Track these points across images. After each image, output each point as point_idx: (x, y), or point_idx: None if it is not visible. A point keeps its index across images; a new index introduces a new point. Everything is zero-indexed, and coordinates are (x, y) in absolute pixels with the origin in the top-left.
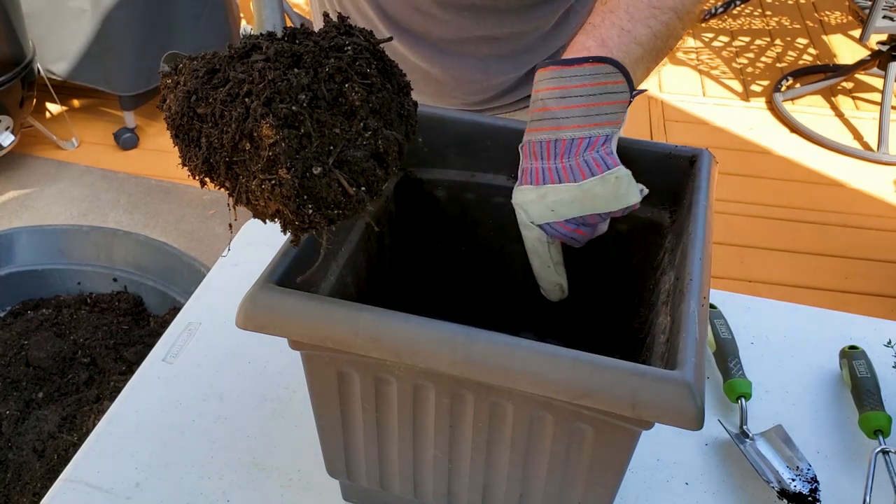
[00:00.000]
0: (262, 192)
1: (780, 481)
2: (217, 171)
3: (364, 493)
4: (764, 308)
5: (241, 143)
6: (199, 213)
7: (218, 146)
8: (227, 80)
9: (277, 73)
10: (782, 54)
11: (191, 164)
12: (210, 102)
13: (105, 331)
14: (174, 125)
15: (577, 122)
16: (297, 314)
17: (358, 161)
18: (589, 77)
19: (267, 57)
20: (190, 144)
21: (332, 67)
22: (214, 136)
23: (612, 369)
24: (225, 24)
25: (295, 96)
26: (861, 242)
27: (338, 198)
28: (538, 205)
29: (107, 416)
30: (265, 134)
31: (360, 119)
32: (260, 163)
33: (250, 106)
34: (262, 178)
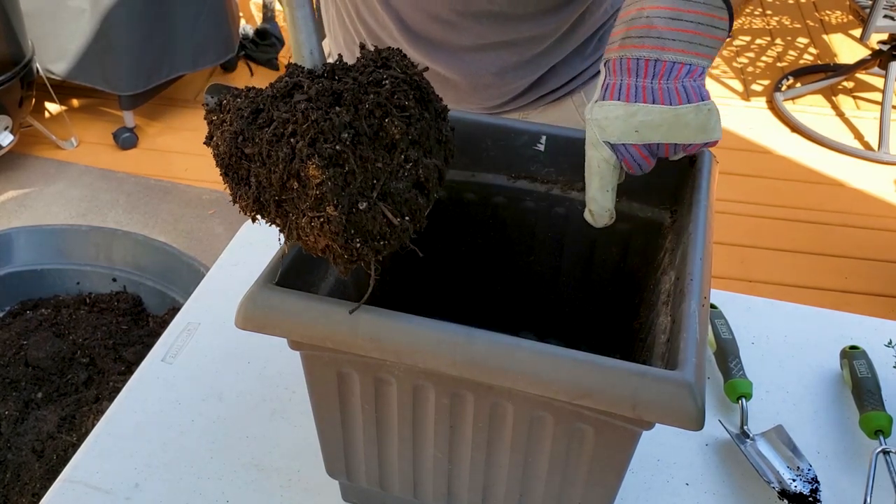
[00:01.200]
0: (312, 228)
1: (780, 482)
2: (268, 209)
3: (364, 493)
4: (764, 308)
5: (289, 182)
6: (199, 213)
7: (267, 185)
8: (271, 121)
9: (320, 113)
10: (783, 54)
11: (241, 202)
12: (256, 143)
13: (104, 331)
14: (223, 164)
15: (682, 47)
16: (297, 314)
17: (400, 192)
18: (701, 5)
19: (309, 97)
20: (239, 183)
21: (371, 103)
22: (263, 175)
23: (613, 369)
24: (224, 24)
25: (338, 135)
26: (862, 242)
27: (383, 229)
28: (623, 122)
29: (106, 417)
30: (311, 174)
31: (400, 151)
32: (308, 201)
33: (296, 146)
34: (311, 216)
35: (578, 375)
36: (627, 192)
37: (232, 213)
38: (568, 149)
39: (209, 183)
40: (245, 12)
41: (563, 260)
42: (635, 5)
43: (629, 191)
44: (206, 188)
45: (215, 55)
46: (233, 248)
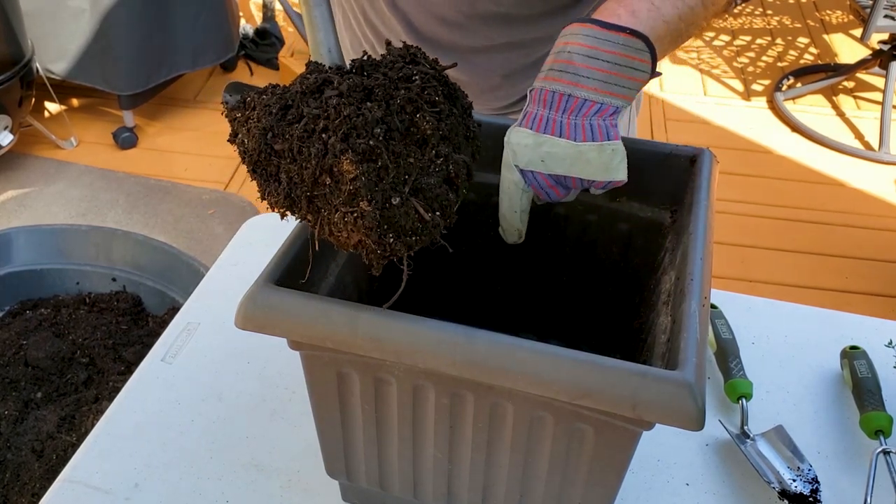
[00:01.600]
0: (346, 224)
1: (780, 482)
2: (299, 205)
3: (364, 493)
4: (765, 308)
5: (321, 178)
6: (199, 213)
7: (298, 181)
8: (301, 117)
9: (352, 109)
10: (783, 53)
11: (271, 198)
12: (287, 139)
13: (104, 331)
14: (251, 161)
15: (595, 86)
16: (297, 314)
17: (432, 188)
18: (620, 46)
19: (340, 92)
20: (269, 179)
21: (402, 99)
22: (294, 171)
23: (613, 369)
24: (224, 24)
25: (371, 130)
26: (862, 242)
27: (415, 225)
28: (531, 151)
29: (105, 417)
30: (345, 169)
31: (431, 147)
32: (341, 196)
33: (328, 142)
34: (345, 211)
35: (578, 375)
36: (627, 192)
37: (232, 213)
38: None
39: (209, 183)
40: (245, 12)
41: (563, 260)
42: (563, 38)
43: (629, 191)
44: (206, 188)
45: (215, 55)
46: (233, 248)
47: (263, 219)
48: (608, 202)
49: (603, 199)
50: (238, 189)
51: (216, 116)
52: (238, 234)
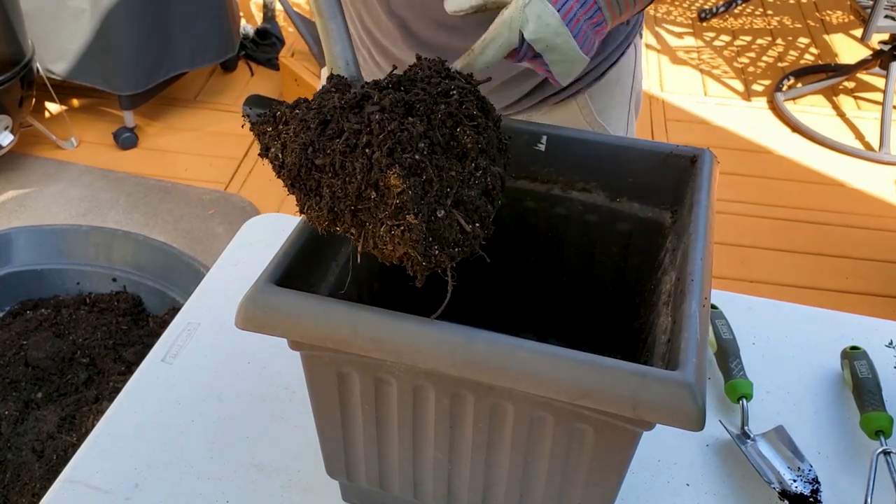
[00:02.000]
0: (392, 237)
1: (781, 482)
2: (342, 219)
3: (364, 493)
4: (765, 308)
5: (366, 192)
6: (199, 213)
7: (342, 196)
8: (342, 132)
9: (396, 124)
10: (784, 54)
11: (311, 212)
12: (328, 154)
13: (104, 331)
14: (290, 176)
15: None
16: (297, 314)
17: (472, 200)
18: None
19: (382, 107)
20: (309, 194)
21: (443, 113)
22: (337, 186)
23: (613, 370)
24: (224, 24)
25: (415, 145)
26: (862, 242)
27: (457, 236)
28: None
29: (106, 417)
30: (392, 183)
31: (471, 160)
32: (387, 210)
33: (372, 156)
34: (391, 225)
35: (579, 375)
36: (628, 193)
37: (232, 213)
38: (569, 149)
39: (209, 183)
40: (245, 12)
41: (563, 260)
42: None
43: (629, 191)
44: (206, 188)
45: (215, 54)
46: (233, 248)
47: (263, 219)
48: (608, 202)
49: (603, 200)
50: (238, 189)
51: (216, 116)
52: (238, 234)
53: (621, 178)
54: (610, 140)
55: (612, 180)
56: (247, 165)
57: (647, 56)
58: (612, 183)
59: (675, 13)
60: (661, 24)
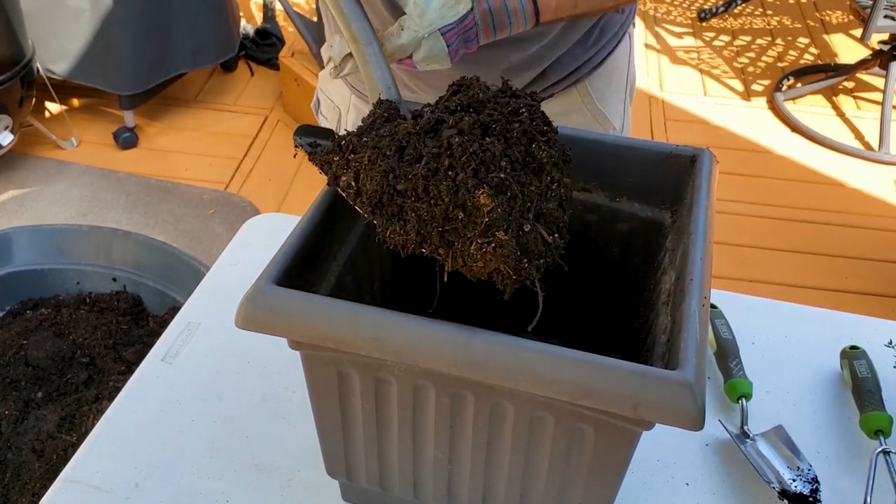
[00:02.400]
0: (483, 254)
1: (780, 482)
2: (430, 241)
3: (364, 493)
4: (765, 308)
5: (453, 213)
6: (199, 213)
7: (428, 218)
8: (420, 156)
9: (477, 145)
10: (783, 54)
11: (396, 237)
12: (409, 179)
13: (104, 330)
14: (371, 203)
15: None
16: (297, 314)
17: (551, 212)
18: None
19: (460, 130)
20: (391, 219)
21: (518, 132)
22: (423, 209)
23: (613, 369)
24: (224, 24)
25: (498, 164)
26: (862, 242)
27: (541, 248)
28: None
29: (106, 416)
30: (482, 203)
31: (546, 173)
32: (477, 228)
33: (456, 178)
34: (481, 242)
35: (579, 375)
36: (628, 193)
37: (232, 213)
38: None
39: (210, 183)
40: (245, 12)
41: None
42: None
43: (629, 191)
44: (207, 188)
45: (215, 54)
46: (233, 248)
47: (263, 219)
48: (608, 202)
49: (603, 199)
50: (238, 189)
51: (217, 116)
52: (238, 234)
53: (621, 178)
54: (610, 140)
55: (612, 180)
56: (247, 165)
57: (648, 56)
58: (612, 183)
59: (675, 13)
60: (661, 24)
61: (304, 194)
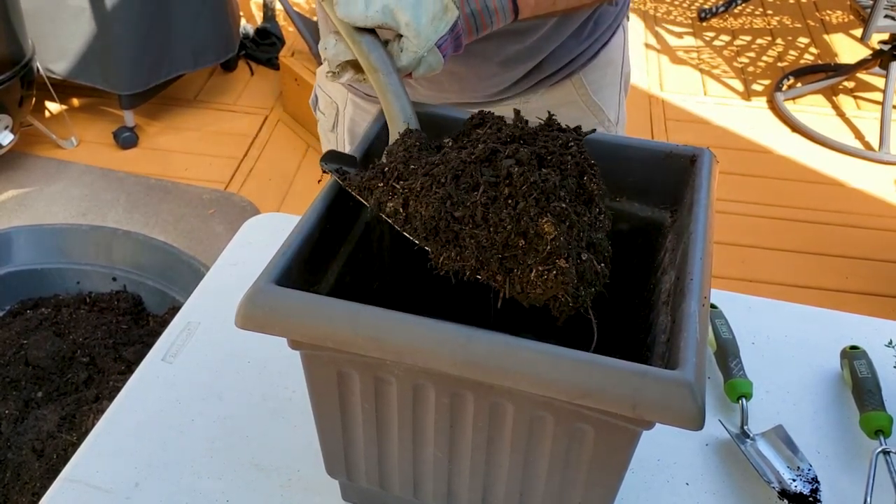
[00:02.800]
0: (544, 281)
1: (780, 481)
2: (488, 267)
3: (364, 493)
4: (765, 308)
5: (513, 240)
6: (199, 213)
7: (487, 245)
8: (477, 185)
9: (537, 175)
10: (783, 53)
11: (450, 263)
12: (468, 206)
13: (104, 330)
14: (426, 229)
15: None
16: (297, 314)
17: (600, 241)
18: None
19: (518, 161)
20: (447, 245)
21: (571, 164)
22: (482, 236)
23: (613, 369)
24: (224, 24)
25: (558, 194)
26: (862, 242)
27: (592, 277)
28: None
29: (106, 416)
30: (546, 231)
31: (595, 205)
32: (538, 256)
33: (517, 206)
34: (542, 269)
35: (578, 375)
36: (627, 192)
37: (232, 213)
38: None
39: (210, 182)
40: (245, 11)
41: None
42: None
43: (629, 191)
44: (207, 188)
45: (216, 54)
46: (233, 247)
47: (263, 218)
48: (608, 202)
49: None
50: (238, 189)
51: (217, 116)
52: (238, 233)
53: (621, 178)
54: (610, 139)
55: (611, 180)
56: (247, 165)
57: (648, 56)
58: (612, 182)
59: (675, 13)
60: (661, 23)
61: (304, 194)
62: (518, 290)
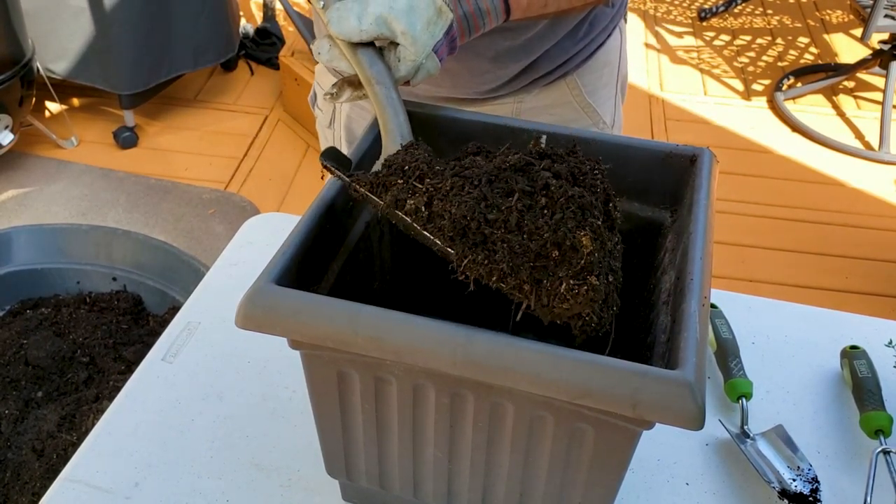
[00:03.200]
0: (574, 295)
1: (780, 481)
2: (517, 275)
3: (364, 493)
4: (765, 308)
5: (547, 250)
6: (199, 213)
7: (520, 251)
8: (511, 191)
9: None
10: (783, 53)
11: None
12: (502, 210)
13: (104, 330)
14: (455, 228)
15: None
16: (297, 314)
17: (616, 270)
18: None
19: (556, 174)
20: (475, 248)
21: (601, 189)
22: (516, 242)
23: (613, 369)
24: (225, 23)
25: (593, 211)
26: (862, 242)
27: (612, 300)
28: None
29: (106, 416)
30: (584, 244)
31: (616, 233)
32: (571, 269)
33: (554, 217)
34: (574, 283)
35: (578, 375)
36: (627, 192)
37: (232, 213)
38: None
39: (209, 182)
40: (245, 11)
41: None
42: None
43: (629, 191)
44: (207, 187)
45: (216, 54)
46: (233, 247)
47: (263, 218)
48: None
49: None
50: (238, 189)
51: (217, 116)
52: (238, 233)
53: (621, 178)
54: (609, 139)
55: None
56: (247, 165)
57: (648, 56)
58: (612, 182)
59: (675, 13)
60: (661, 23)
61: (304, 194)
62: (544, 302)
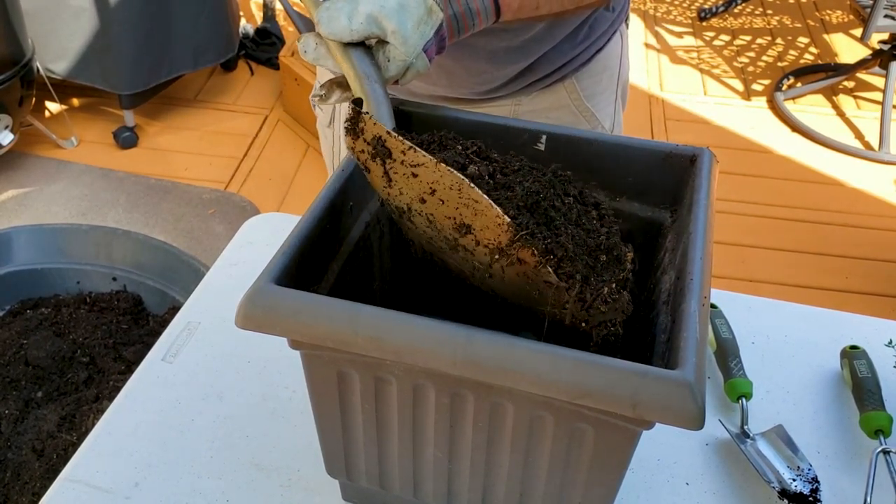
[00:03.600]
0: (614, 300)
1: (780, 481)
2: (574, 264)
3: (364, 493)
4: (765, 307)
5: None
6: (199, 213)
7: (580, 242)
8: (568, 193)
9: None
10: (783, 53)
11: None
12: (564, 203)
13: (104, 330)
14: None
15: None
16: (297, 314)
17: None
18: None
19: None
20: (540, 226)
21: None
22: (576, 233)
23: (613, 369)
24: (225, 23)
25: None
26: (862, 242)
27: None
28: None
29: (106, 416)
30: (628, 258)
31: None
32: (615, 277)
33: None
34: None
35: (578, 375)
36: (627, 192)
37: (232, 213)
38: (568, 148)
39: (209, 182)
40: (245, 11)
41: None
42: None
43: (629, 191)
44: (207, 187)
45: (216, 54)
46: (233, 247)
47: (263, 218)
48: (608, 202)
49: (602, 199)
50: (238, 189)
51: (216, 116)
52: (238, 233)
53: (621, 178)
54: (609, 139)
55: (611, 180)
56: (247, 165)
57: (648, 56)
58: (612, 182)
59: (675, 13)
60: (661, 23)
61: (304, 194)
62: (587, 299)
